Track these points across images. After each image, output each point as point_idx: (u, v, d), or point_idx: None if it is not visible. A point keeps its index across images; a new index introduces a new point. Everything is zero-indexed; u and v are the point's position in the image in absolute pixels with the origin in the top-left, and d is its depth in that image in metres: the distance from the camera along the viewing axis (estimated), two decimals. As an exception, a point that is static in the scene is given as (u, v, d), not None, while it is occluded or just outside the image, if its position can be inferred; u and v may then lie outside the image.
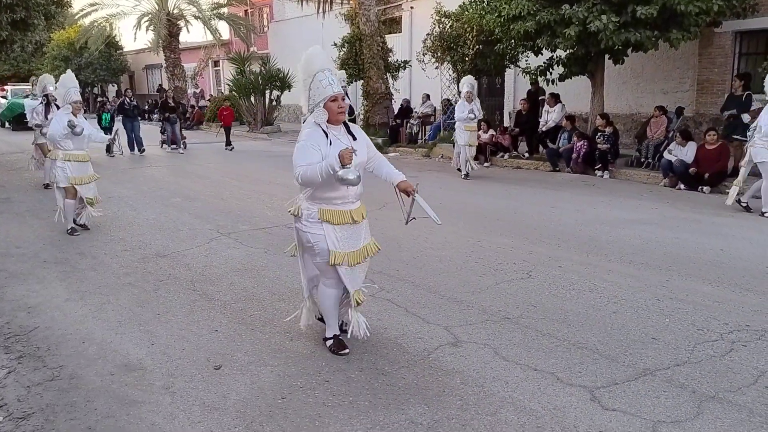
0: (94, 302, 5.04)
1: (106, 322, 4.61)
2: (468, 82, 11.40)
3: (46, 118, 9.91)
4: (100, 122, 16.46)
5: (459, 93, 14.40)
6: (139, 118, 17.45)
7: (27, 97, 24.36)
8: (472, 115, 11.13)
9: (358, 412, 3.29)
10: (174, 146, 17.03)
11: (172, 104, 17.84)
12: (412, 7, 20.09)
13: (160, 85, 35.95)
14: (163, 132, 17.62)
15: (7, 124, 24.91)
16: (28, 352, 4.11)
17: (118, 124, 13.78)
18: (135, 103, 17.20)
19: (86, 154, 7.36)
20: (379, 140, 16.51)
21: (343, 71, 16.93)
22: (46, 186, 10.09)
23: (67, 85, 7.21)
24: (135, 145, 16.33)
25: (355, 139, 3.85)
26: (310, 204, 3.78)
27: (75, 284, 5.52)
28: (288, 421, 3.22)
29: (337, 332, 4.09)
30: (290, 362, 3.91)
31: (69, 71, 7.52)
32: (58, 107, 9.80)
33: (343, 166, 3.49)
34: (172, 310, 4.84)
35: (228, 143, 17.41)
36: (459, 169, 11.67)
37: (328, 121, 3.71)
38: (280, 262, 6.07)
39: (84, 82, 36.21)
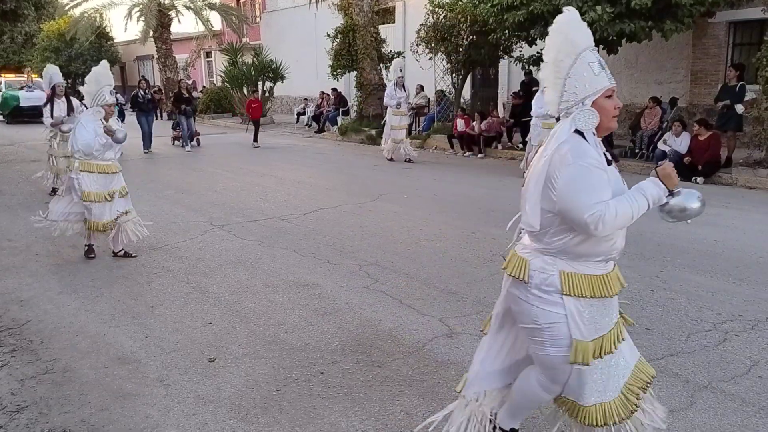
0: (88, 295, 5.01)
1: (100, 315, 4.59)
2: None
3: (51, 115, 8.73)
4: None
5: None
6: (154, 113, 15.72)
7: (22, 89, 23.77)
8: None
9: (353, 404, 3.30)
10: (192, 143, 15.40)
11: (187, 95, 15.82)
12: (405, -2, 20.00)
13: (143, 76, 35.71)
14: (174, 127, 15.94)
15: (1, 117, 24.20)
16: (21, 346, 4.09)
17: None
18: (149, 95, 15.28)
19: (113, 164, 5.97)
20: (373, 131, 16.48)
21: (401, 59, 13.99)
22: (54, 191, 8.80)
23: (101, 83, 5.69)
24: (148, 142, 14.55)
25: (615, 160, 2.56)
26: (547, 261, 2.41)
27: (68, 277, 5.49)
28: (283, 413, 3.22)
29: (516, 426, 2.76)
30: (285, 354, 3.90)
31: (104, 63, 5.96)
32: (69, 101, 8.84)
33: (670, 192, 2.34)
34: (165, 303, 4.82)
35: (255, 138, 15.95)
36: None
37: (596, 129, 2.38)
38: (273, 254, 6.06)
39: (74, 74, 35.91)
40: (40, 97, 22.94)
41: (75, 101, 9.01)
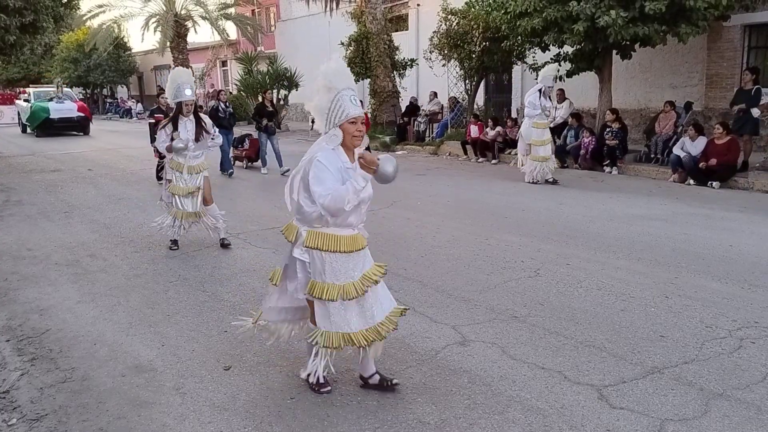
0: (106, 304, 5.09)
1: (117, 324, 4.66)
2: None
3: (172, 137, 6.43)
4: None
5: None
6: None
7: (52, 100, 22.60)
8: None
9: (366, 412, 3.32)
10: (286, 169, 11.81)
11: (271, 108, 12.85)
12: (418, 5, 20.07)
13: (159, 86, 36.12)
14: (237, 146, 13.30)
15: (29, 130, 22.91)
16: (41, 354, 4.16)
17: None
18: (231, 109, 12.74)
19: (360, 234, 3.41)
20: (387, 138, 16.54)
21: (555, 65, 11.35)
22: (174, 245, 6.71)
23: (335, 88, 3.30)
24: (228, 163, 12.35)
25: None
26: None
27: (86, 286, 5.57)
28: (297, 422, 3.25)
29: None
30: (299, 363, 3.92)
31: (335, 56, 3.59)
32: (200, 122, 6.52)
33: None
34: (181, 311, 4.88)
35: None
36: None
37: None
38: (288, 262, 6.10)
39: (93, 84, 36.46)
40: (71, 108, 22.58)
41: (208, 120, 6.78)
